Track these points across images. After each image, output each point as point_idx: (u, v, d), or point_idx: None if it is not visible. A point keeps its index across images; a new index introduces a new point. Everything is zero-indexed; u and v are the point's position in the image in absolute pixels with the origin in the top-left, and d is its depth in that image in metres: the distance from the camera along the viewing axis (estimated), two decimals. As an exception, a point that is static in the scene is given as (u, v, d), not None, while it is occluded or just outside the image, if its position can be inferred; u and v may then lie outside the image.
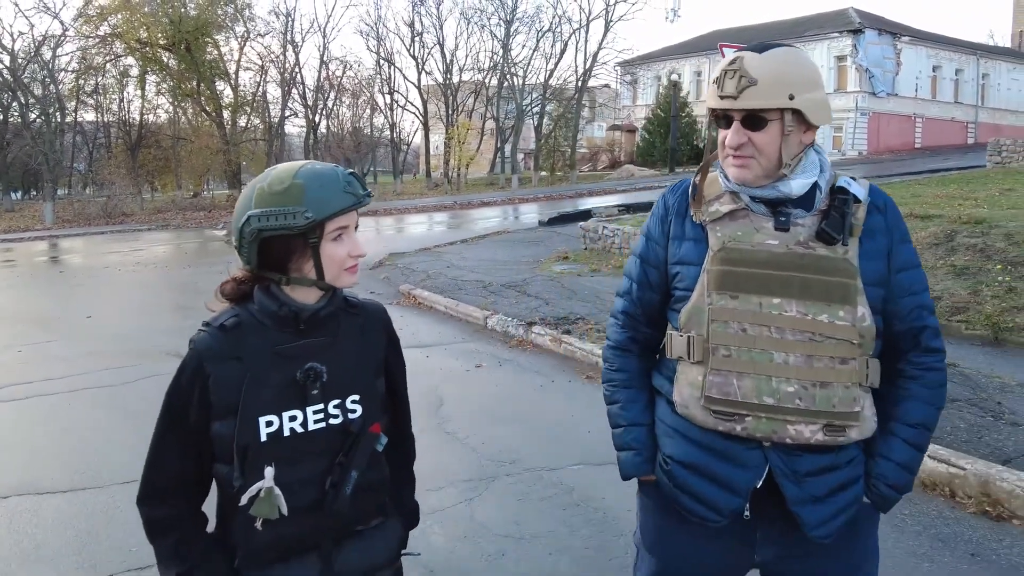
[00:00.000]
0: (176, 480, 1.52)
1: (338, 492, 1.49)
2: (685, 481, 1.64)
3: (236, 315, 1.50)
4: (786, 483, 1.56)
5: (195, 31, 31.05)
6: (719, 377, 1.58)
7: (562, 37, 41.49)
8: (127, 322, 8.89)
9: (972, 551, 3.22)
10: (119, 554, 3.34)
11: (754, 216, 1.61)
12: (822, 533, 1.58)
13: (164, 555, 1.53)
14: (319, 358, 1.52)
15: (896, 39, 39.54)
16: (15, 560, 3.34)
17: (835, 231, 1.56)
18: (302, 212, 1.42)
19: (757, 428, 1.55)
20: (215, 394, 1.46)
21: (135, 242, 19.57)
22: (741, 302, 1.58)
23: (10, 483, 4.15)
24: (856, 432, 1.57)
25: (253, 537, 1.47)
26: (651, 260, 1.74)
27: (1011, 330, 6.15)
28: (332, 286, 1.52)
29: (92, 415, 5.40)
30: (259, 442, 1.45)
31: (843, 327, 1.55)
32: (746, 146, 1.57)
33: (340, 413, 1.53)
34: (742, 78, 1.54)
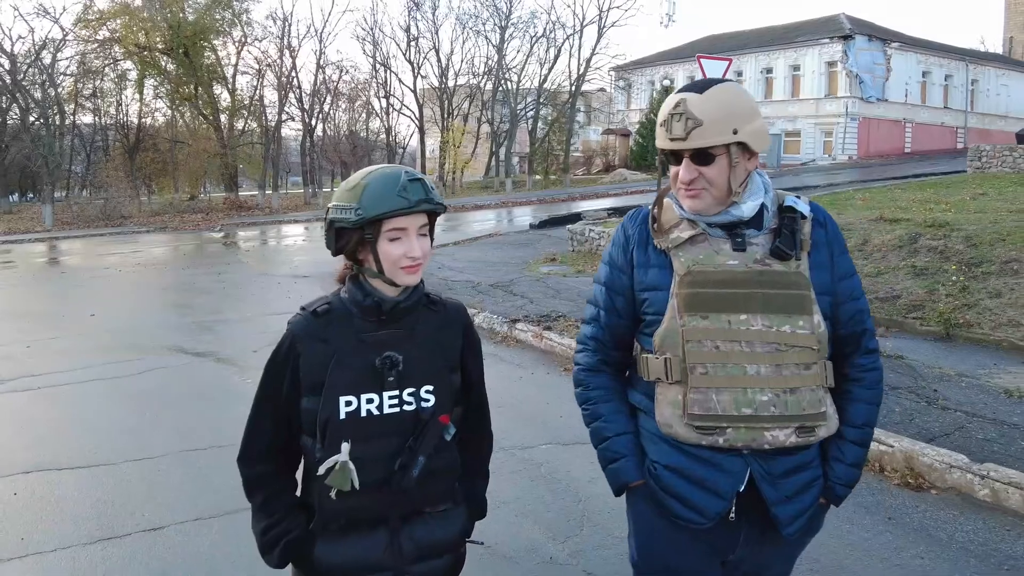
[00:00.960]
0: (269, 445, 1.69)
1: (405, 473, 1.60)
2: (671, 485, 1.72)
3: (328, 302, 1.66)
4: (765, 486, 1.67)
5: (193, 36, 31.38)
6: (699, 394, 1.66)
7: (556, 43, 41.91)
8: (129, 320, 9.24)
9: (890, 516, 3.64)
10: (133, 518, 3.74)
11: (712, 240, 1.72)
12: (792, 530, 1.70)
13: (256, 510, 1.71)
14: (397, 348, 1.63)
15: (886, 45, 40.02)
16: (41, 524, 3.74)
17: (788, 247, 1.69)
18: (355, 209, 1.56)
19: (738, 438, 1.65)
20: (304, 371, 1.61)
21: (134, 244, 19.90)
22: (712, 321, 1.67)
23: (30, 460, 4.54)
24: (824, 430, 1.70)
25: (327, 505, 1.61)
26: (617, 288, 1.83)
27: (961, 326, 6.58)
28: (391, 281, 1.63)
29: (100, 403, 5.79)
30: (338, 419, 1.58)
31: (804, 335, 1.67)
32: (698, 180, 1.69)
33: (414, 401, 1.63)
34: (688, 120, 1.65)
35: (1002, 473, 3.74)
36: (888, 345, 6.21)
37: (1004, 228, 8.44)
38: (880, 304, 7.34)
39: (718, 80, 1.72)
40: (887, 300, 7.39)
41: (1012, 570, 3.14)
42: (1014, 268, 7.24)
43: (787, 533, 1.69)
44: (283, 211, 30.85)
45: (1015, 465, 3.84)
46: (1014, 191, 13.42)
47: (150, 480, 4.23)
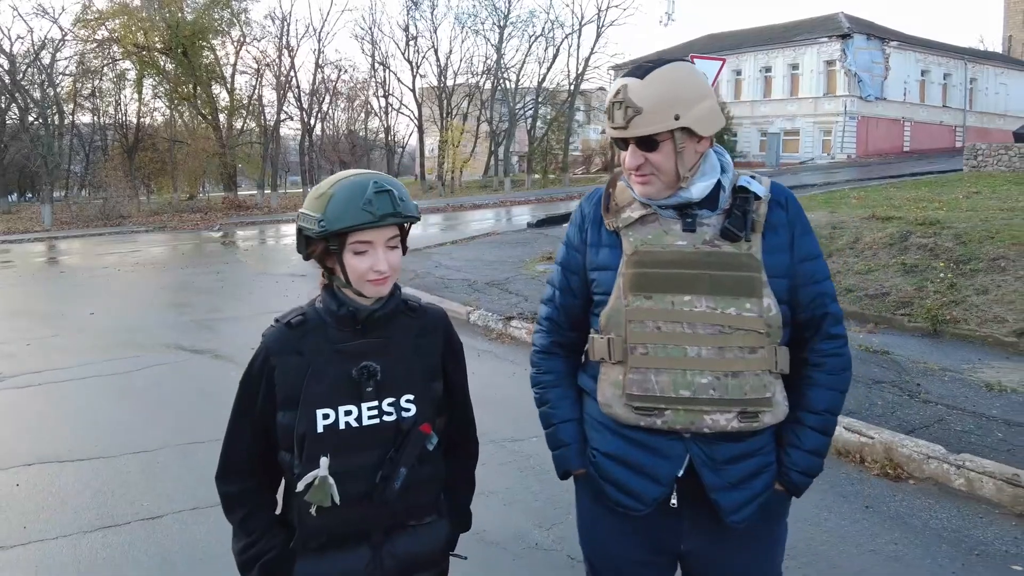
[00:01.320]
0: (246, 461, 1.65)
1: (387, 485, 1.56)
2: (610, 472, 1.71)
3: (303, 313, 1.62)
4: (705, 471, 1.64)
5: (192, 35, 31.48)
6: (638, 375, 1.65)
7: (555, 42, 42.03)
8: (128, 318, 9.33)
9: (867, 504, 3.74)
10: (132, 507, 3.85)
11: (663, 220, 1.69)
12: (737, 519, 1.66)
13: (235, 528, 1.67)
14: (375, 357, 1.59)
15: (885, 44, 40.11)
16: (43, 513, 3.84)
17: (737, 228, 1.64)
18: (318, 220, 1.51)
19: (676, 420, 1.63)
20: (279, 385, 1.57)
21: (133, 243, 19.99)
22: (655, 301, 1.65)
23: (32, 453, 4.65)
24: (769, 417, 1.65)
25: (308, 522, 1.56)
26: (572, 267, 1.81)
27: (948, 322, 6.68)
28: (359, 292, 1.60)
29: (100, 399, 5.89)
30: (316, 433, 1.54)
31: (750, 318, 1.63)
32: (644, 165, 1.65)
33: (394, 411, 1.59)
34: (628, 108, 1.61)
35: (977, 463, 3.84)
36: (875, 341, 6.31)
37: (993, 226, 8.54)
38: (869, 301, 7.45)
39: (665, 60, 1.67)
40: (876, 297, 7.49)
41: (982, 555, 3.24)
42: (1001, 265, 7.35)
43: (731, 521, 1.65)
44: (282, 211, 30.93)
45: (991, 456, 3.94)
46: (1007, 190, 13.52)
47: (149, 472, 4.33)
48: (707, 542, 1.72)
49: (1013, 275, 7.08)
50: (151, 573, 3.23)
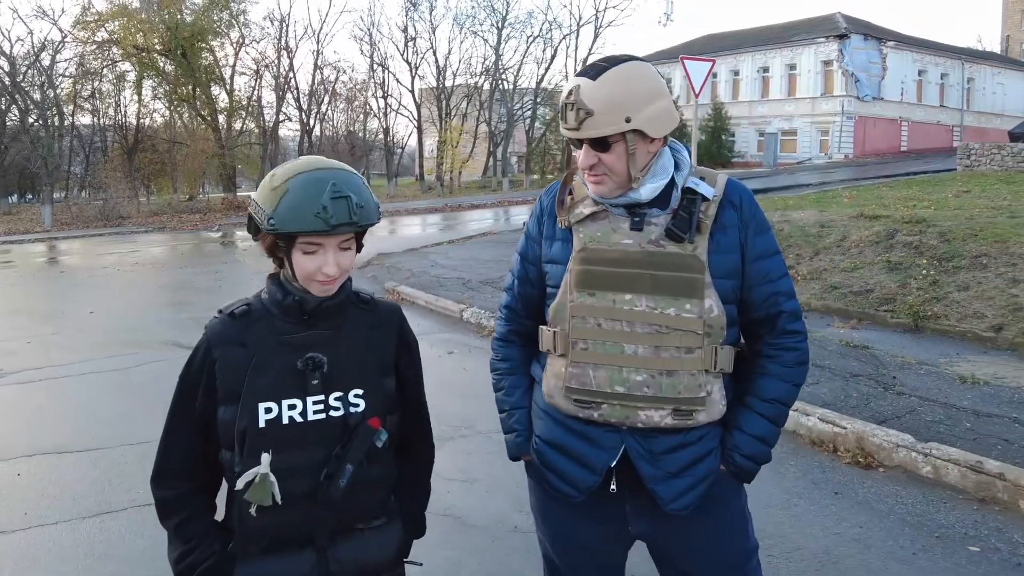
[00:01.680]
0: (184, 463, 1.57)
1: (332, 483, 1.49)
2: (550, 459, 1.76)
3: (247, 304, 1.56)
4: (641, 463, 1.68)
5: (191, 37, 31.64)
6: (578, 368, 1.70)
7: (552, 43, 42.21)
8: (127, 317, 9.47)
9: (836, 490, 3.88)
10: (128, 494, 3.99)
11: (613, 217, 1.71)
12: (678, 506, 1.68)
13: (171, 535, 1.59)
14: (323, 349, 1.52)
15: (882, 44, 40.28)
16: (43, 500, 3.99)
17: (681, 230, 1.65)
18: (268, 218, 1.44)
19: (612, 414, 1.68)
20: (220, 378, 1.50)
21: (132, 244, 20.13)
22: (598, 299, 1.68)
23: (32, 445, 4.79)
24: (704, 415, 1.68)
25: (248, 523, 1.49)
26: (530, 257, 1.85)
27: (929, 318, 6.82)
28: (304, 289, 1.55)
29: (98, 394, 6.03)
30: (257, 428, 1.47)
31: (689, 319, 1.65)
32: (597, 165, 1.66)
33: (341, 406, 1.53)
34: (580, 110, 1.61)
35: (943, 451, 3.98)
36: (856, 336, 6.45)
37: (978, 224, 8.68)
38: (854, 298, 7.59)
39: (619, 60, 1.66)
40: (860, 294, 7.63)
41: (942, 537, 3.39)
42: (983, 262, 7.48)
43: (671, 510, 1.69)
44: (281, 211, 31.04)
45: (957, 444, 4.08)
46: (997, 189, 13.66)
47: (145, 462, 4.41)
48: (653, 527, 1.76)
49: (994, 272, 7.22)
50: (145, 555, 3.37)
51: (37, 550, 3.45)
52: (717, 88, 43.54)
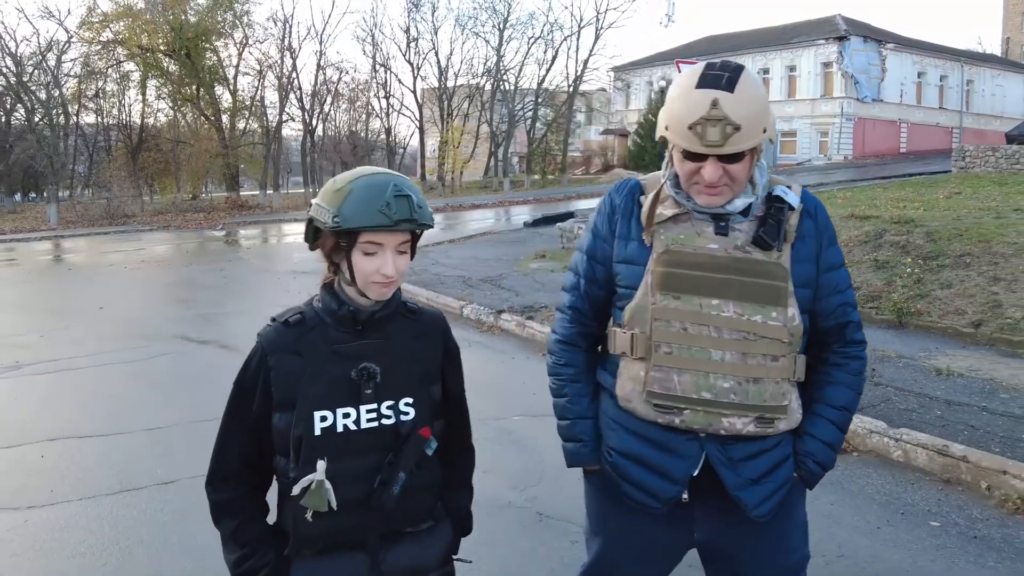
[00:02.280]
0: (239, 466, 1.60)
1: (385, 490, 1.52)
2: (627, 471, 1.74)
3: (301, 312, 1.58)
4: (723, 470, 1.67)
5: (195, 37, 31.97)
6: (660, 373, 1.66)
7: (553, 44, 42.47)
8: (136, 312, 9.75)
9: (811, 472, 4.13)
10: (148, 474, 4.25)
11: (695, 220, 1.69)
12: (762, 512, 1.68)
13: (226, 538, 1.62)
14: (375, 359, 1.55)
15: (881, 46, 40.50)
16: (67, 479, 4.25)
17: (771, 238, 1.65)
18: (333, 216, 1.47)
19: (694, 420, 1.65)
20: (276, 386, 1.53)
21: (137, 242, 20.40)
22: (683, 302, 1.66)
23: (53, 430, 5.06)
24: (784, 424, 1.69)
25: (303, 528, 1.52)
26: (598, 257, 1.80)
27: (912, 315, 7.07)
28: (362, 292, 1.57)
29: (114, 384, 6.30)
30: (313, 435, 1.50)
31: (775, 327, 1.64)
32: (721, 177, 1.63)
33: (393, 414, 1.56)
34: (727, 126, 1.55)
35: (913, 436, 4.23)
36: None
37: (964, 224, 8.93)
38: (841, 295, 7.84)
39: (733, 66, 1.61)
40: (848, 291, 7.88)
41: (906, 514, 3.64)
42: (966, 261, 7.73)
43: (756, 515, 1.68)
44: (284, 210, 31.38)
45: (927, 430, 4.34)
46: (989, 190, 13.91)
47: (163, 445, 4.74)
48: (719, 534, 1.76)
49: (976, 270, 7.47)
50: (166, 529, 3.63)
51: (65, 523, 3.71)
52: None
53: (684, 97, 1.60)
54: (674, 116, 1.62)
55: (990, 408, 4.71)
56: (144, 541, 3.52)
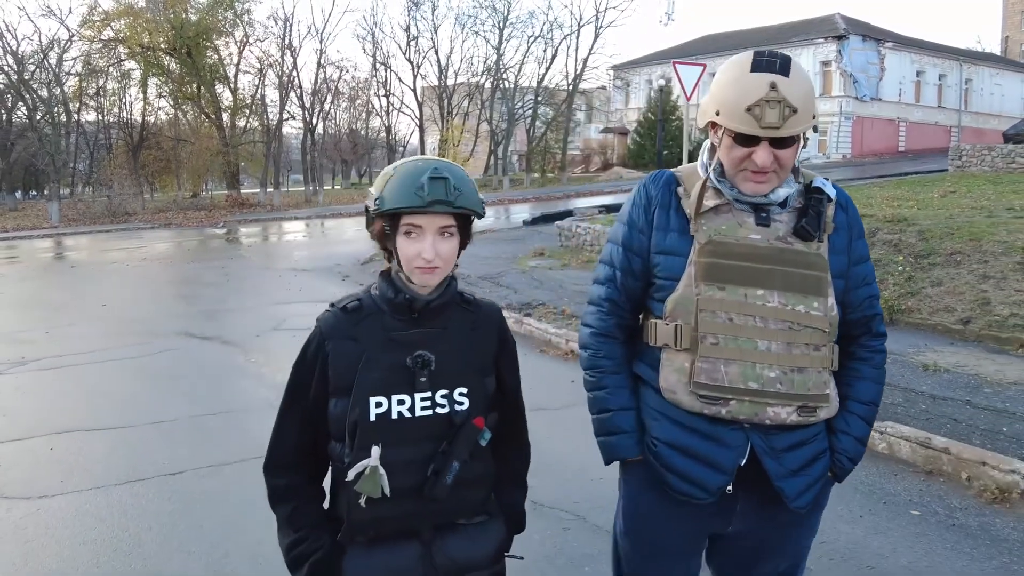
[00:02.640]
0: (296, 452, 1.63)
1: (438, 479, 1.53)
2: (672, 461, 1.72)
3: (358, 299, 1.61)
4: (767, 460, 1.68)
5: (196, 36, 32.09)
6: (707, 364, 1.67)
7: (553, 43, 42.61)
8: (139, 309, 9.88)
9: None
10: (155, 465, 4.38)
11: (736, 211, 1.71)
12: (801, 503, 1.70)
13: (281, 522, 1.64)
14: (430, 347, 1.56)
15: (880, 45, 40.60)
16: (76, 470, 4.38)
17: (813, 229, 1.68)
18: (375, 199, 1.53)
19: (740, 411, 1.66)
20: (333, 370, 1.55)
21: (139, 240, 20.53)
22: (728, 293, 1.67)
23: (62, 424, 5.18)
24: (824, 412, 1.71)
25: (356, 514, 1.54)
26: (635, 248, 1.80)
27: (903, 312, 7.20)
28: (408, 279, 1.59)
29: (119, 379, 6.43)
30: (368, 421, 1.52)
31: (817, 317, 1.67)
32: (772, 163, 1.65)
33: (447, 403, 1.57)
34: (786, 108, 1.59)
35: (897, 429, 4.36)
36: (833, 328, 6.83)
37: (956, 223, 9.04)
38: (834, 293, 7.96)
39: (782, 54, 1.64)
40: (840, 289, 8.01)
41: (888, 503, 3.77)
42: (956, 260, 7.86)
43: (795, 506, 1.70)
44: (284, 208, 31.53)
45: (912, 423, 4.47)
46: (983, 189, 14.01)
47: (168, 437, 4.87)
48: (756, 525, 1.77)
49: (966, 268, 7.59)
50: (173, 517, 3.75)
51: (76, 512, 3.84)
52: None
53: (738, 80, 1.63)
54: (727, 101, 1.63)
55: (974, 402, 4.84)
56: (152, 528, 3.64)
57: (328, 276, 12.16)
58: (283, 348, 7.23)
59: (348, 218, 26.32)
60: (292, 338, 7.57)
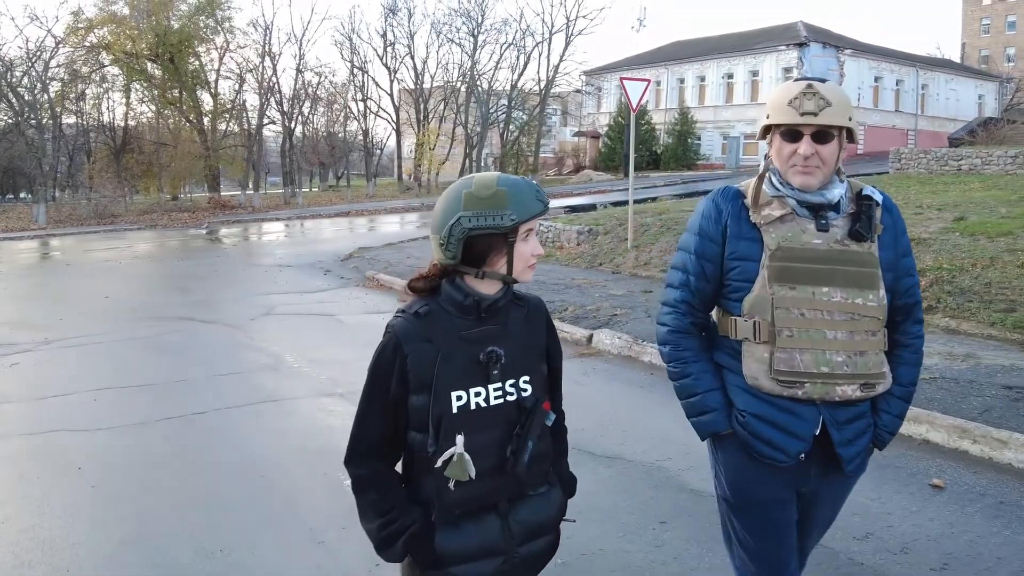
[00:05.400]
0: (377, 444, 1.75)
1: (518, 459, 1.69)
2: (758, 429, 1.95)
3: (427, 304, 1.72)
4: (833, 430, 1.94)
5: (178, 43, 32.91)
6: (785, 353, 1.91)
7: (526, 50, 43.82)
8: (139, 299, 10.86)
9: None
10: (182, 408, 5.54)
11: (799, 219, 1.95)
12: (853, 467, 1.99)
13: (366, 508, 1.76)
14: (496, 342, 1.71)
15: (839, 52, 42.20)
16: (117, 412, 5.52)
17: (865, 231, 1.92)
18: (508, 214, 1.63)
19: (814, 391, 1.91)
20: (412, 370, 1.66)
21: (126, 240, 21.34)
22: (798, 291, 1.91)
23: (99, 382, 6.30)
24: (881, 387, 1.97)
25: (446, 496, 1.68)
26: (707, 256, 2.03)
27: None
28: (514, 280, 1.73)
29: (137, 352, 7.54)
30: (451, 413, 1.66)
31: (873, 307, 1.93)
32: (813, 157, 1.90)
33: (515, 391, 1.72)
34: (821, 99, 1.87)
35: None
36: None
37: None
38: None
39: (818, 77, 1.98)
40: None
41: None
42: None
43: (849, 470, 1.98)
44: (265, 210, 32.43)
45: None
46: (909, 189, 15.30)
47: (192, 389, 6.05)
48: (821, 485, 2.05)
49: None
50: (200, 441, 4.91)
51: (113, 446, 4.99)
52: (684, 94, 45.46)
53: (784, 87, 1.96)
54: (775, 102, 1.95)
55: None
56: (187, 447, 4.82)
57: (310, 271, 13.27)
58: (276, 328, 8.37)
59: (326, 219, 27.41)
60: (283, 322, 8.75)
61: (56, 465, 4.57)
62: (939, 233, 9.37)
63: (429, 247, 1.75)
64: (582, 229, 13.36)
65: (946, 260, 8.29)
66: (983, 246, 8.59)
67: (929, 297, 7.49)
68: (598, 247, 12.55)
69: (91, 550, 3.53)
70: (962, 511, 3.70)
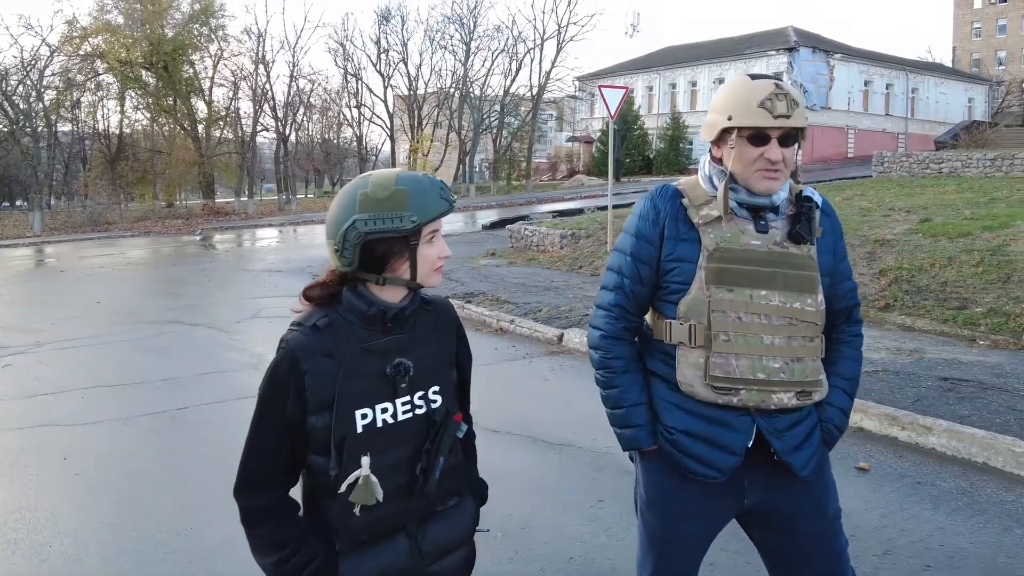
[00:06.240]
0: (272, 471, 1.60)
1: (428, 477, 1.59)
2: (689, 447, 1.89)
3: (326, 315, 1.58)
4: (772, 440, 1.87)
5: (173, 51, 33.30)
6: (721, 359, 1.84)
7: (518, 56, 44.24)
8: (131, 304, 11.14)
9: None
10: (166, 404, 5.85)
11: (738, 220, 1.89)
12: (808, 471, 1.91)
13: (260, 542, 1.60)
14: (404, 353, 1.60)
15: (829, 56, 42.66)
16: (111, 406, 5.81)
17: (806, 233, 1.87)
18: (409, 216, 1.52)
19: (749, 399, 1.84)
20: (311, 389, 1.53)
21: (121, 247, 21.61)
22: (736, 294, 1.84)
23: (88, 381, 6.60)
24: (818, 395, 1.93)
25: (351, 521, 1.56)
26: (643, 258, 1.95)
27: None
28: (420, 285, 1.61)
29: (127, 354, 7.83)
30: (355, 433, 1.54)
31: (811, 312, 1.88)
32: (779, 161, 1.82)
33: (424, 403, 1.62)
34: (793, 101, 1.79)
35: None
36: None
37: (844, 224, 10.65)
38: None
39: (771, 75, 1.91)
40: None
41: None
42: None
43: (804, 475, 1.90)
44: (259, 216, 32.75)
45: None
46: (888, 192, 15.58)
47: (177, 387, 6.34)
48: (769, 496, 1.95)
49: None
50: (184, 435, 5.20)
51: (107, 436, 5.28)
52: (676, 99, 45.89)
53: (744, 86, 1.85)
54: (740, 101, 1.83)
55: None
56: (167, 442, 5.12)
57: (299, 276, 13.48)
58: (261, 331, 8.66)
59: (319, 225, 27.61)
60: (269, 324, 9.03)
61: (43, 455, 4.86)
62: (903, 235, 9.69)
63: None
64: (565, 233, 13.69)
65: (906, 260, 8.62)
66: (943, 246, 8.91)
67: (887, 296, 7.82)
68: (579, 251, 12.87)
69: (72, 528, 3.82)
70: (880, 490, 4.00)
